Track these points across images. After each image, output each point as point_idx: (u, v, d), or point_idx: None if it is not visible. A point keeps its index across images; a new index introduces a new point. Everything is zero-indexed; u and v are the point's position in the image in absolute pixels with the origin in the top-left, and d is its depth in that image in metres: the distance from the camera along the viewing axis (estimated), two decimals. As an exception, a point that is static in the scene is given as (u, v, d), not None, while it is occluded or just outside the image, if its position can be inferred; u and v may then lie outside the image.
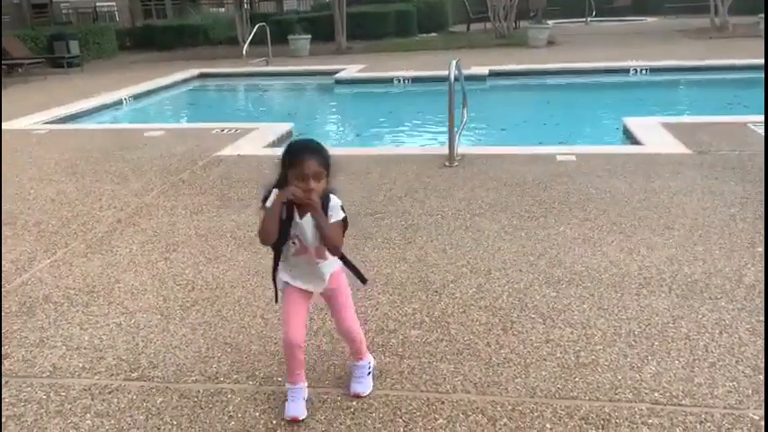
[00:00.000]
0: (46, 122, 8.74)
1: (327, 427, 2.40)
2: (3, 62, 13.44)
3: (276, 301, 2.53)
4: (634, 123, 7.12)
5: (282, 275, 2.46)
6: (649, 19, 23.48)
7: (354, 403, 2.53)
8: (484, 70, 11.86)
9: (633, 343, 2.86)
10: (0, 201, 5.18)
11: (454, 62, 6.03)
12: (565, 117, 9.22)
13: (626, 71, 11.89)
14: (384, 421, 2.42)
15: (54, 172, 6.12)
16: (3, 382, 2.78)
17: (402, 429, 2.38)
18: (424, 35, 20.39)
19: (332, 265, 2.44)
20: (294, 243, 2.37)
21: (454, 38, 19.41)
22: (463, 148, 6.24)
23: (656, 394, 2.50)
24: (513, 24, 18.68)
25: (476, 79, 10.96)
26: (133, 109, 10.97)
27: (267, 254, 3.99)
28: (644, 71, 11.83)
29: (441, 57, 12.10)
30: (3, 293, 3.62)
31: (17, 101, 10.84)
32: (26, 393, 2.69)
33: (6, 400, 2.65)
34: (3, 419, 2.53)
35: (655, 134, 6.64)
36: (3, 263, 4.05)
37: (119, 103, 10.85)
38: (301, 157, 2.19)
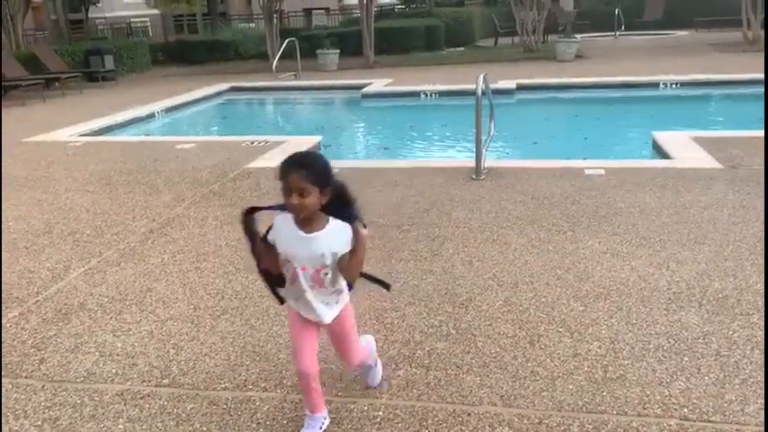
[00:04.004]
0: (81, 134, 8.97)
1: (354, 437, 2.42)
2: (41, 76, 13.84)
3: (281, 302, 2.41)
4: (664, 137, 7.05)
5: (287, 299, 2.35)
6: (680, 32, 23.24)
7: (381, 413, 2.55)
8: (511, 84, 11.86)
9: (662, 358, 2.84)
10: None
11: (482, 76, 6.06)
12: (593, 131, 9.16)
13: (656, 85, 11.78)
14: (410, 432, 2.44)
15: (89, 183, 6.28)
16: (39, 386, 2.86)
17: (428, 440, 2.39)
18: (452, 49, 20.47)
19: (335, 296, 2.28)
20: (287, 269, 2.23)
21: (482, 52, 19.45)
22: (490, 161, 6.24)
23: (685, 410, 2.48)
24: (541, 38, 18.66)
25: (503, 93, 10.97)
26: (165, 122, 11.20)
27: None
28: (674, 85, 11.71)
29: (468, 71, 12.15)
30: (40, 300, 3.73)
31: (55, 114, 11.15)
32: (61, 397, 2.76)
33: (42, 403, 2.73)
34: (39, 423, 2.61)
35: (685, 148, 6.57)
36: (40, 270, 4.16)
37: (151, 116, 11.08)
38: (285, 172, 2.10)
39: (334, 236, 2.15)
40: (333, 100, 13.84)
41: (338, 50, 17.10)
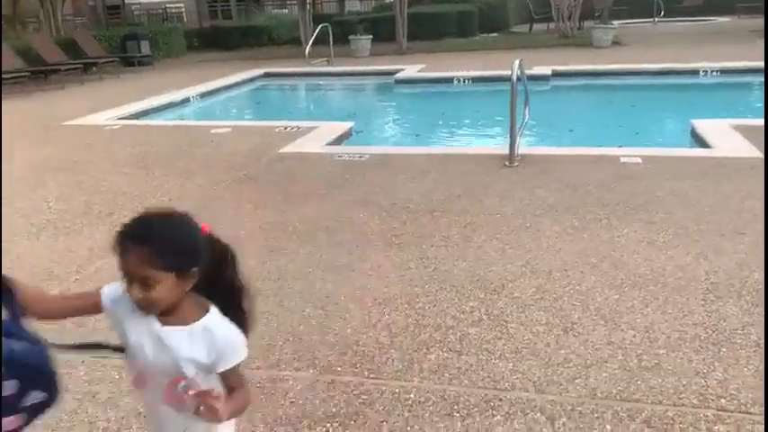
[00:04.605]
0: (119, 118, 9.11)
1: (386, 418, 2.44)
2: (80, 61, 14.09)
3: None
4: (703, 126, 6.88)
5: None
6: (721, 19, 22.61)
7: (412, 395, 2.56)
8: (546, 70, 11.69)
9: (699, 348, 2.79)
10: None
11: (517, 62, 5.98)
12: (630, 119, 8.99)
13: (695, 72, 11.49)
14: (441, 415, 2.44)
15: (126, 165, 6.39)
16: (79, 361, 2.93)
17: (459, 424, 2.39)
18: (486, 35, 20.23)
19: (201, 424, 1.43)
20: (131, 366, 1.51)
21: (516, 38, 19.18)
22: (524, 148, 6.18)
23: (722, 401, 2.44)
24: (578, 24, 18.32)
25: (538, 79, 10.81)
26: (200, 106, 11.31)
27: (328, 248, 4.12)
28: (715, 72, 11.40)
29: (502, 57, 12.00)
30: (79, 279, 3.82)
31: (93, 97, 11.35)
32: (100, 373, 2.83)
33: (82, 377, 2.80)
34: (79, 397, 2.68)
35: (725, 137, 6.41)
36: (79, 250, 4.26)
37: (186, 100, 11.20)
38: (121, 247, 1.36)
39: (208, 340, 1.42)
40: (365, 86, 13.82)
41: (371, 36, 17.04)
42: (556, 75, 11.70)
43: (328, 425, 2.42)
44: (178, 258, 1.38)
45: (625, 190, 4.93)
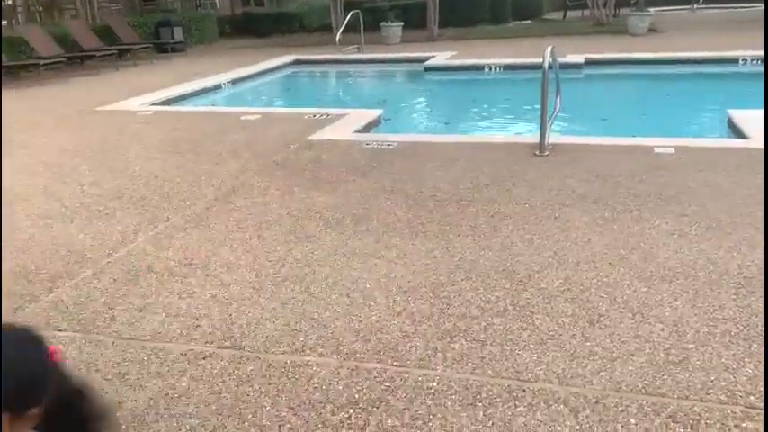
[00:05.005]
0: (152, 104, 9.24)
1: (408, 405, 2.44)
2: (115, 47, 14.30)
3: None
4: (741, 116, 6.70)
5: None
6: (763, 6, 21.92)
7: (435, 384, 2.56)
8: (579, 58, 11.50)
9: (729, 344, 2.73)
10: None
11: (549, 49, 5.89)
12: (664, 108, 8.82)
13: (734, 61, 11.19)
14: (464, 404, 2.44)
15: (157, 151, 6.48)
16: (110, 342, 3.00)
17: (482, 413, 2.39)
18: (518, 22, 19.98)
19: None
20: None
21: (550, 25, 18.90)
22: (554, 137, 6.09)
23: (751, 398, 2.39)
24: (613, 12, 17.96)
25: (571, 68, 10.66)
26: (231, 93, 11.40)
27: (354, 235, 4.13)
28: (755, 61, 11.08)
29: (535, 45, 11.84)
30: (110, 261, 3.90)
31: (126, 83, 11.52)
32: (130, 354, 2.90)
33: (112, 359, 2.87)
34: (109, 377, 2.75)
35: (763, 127, 6.23)
36: (112, 233, 4.35)
37: (218, 87, 11.30)
38: None
39: None
40: (395, 73, 13.77)
41: (402, 23, 16.96)
42: (589, 63, 11.50)
43: (351, 411, 2.44)
44: (16, 395, 1.05)
45: (657, 181, 4.84)
